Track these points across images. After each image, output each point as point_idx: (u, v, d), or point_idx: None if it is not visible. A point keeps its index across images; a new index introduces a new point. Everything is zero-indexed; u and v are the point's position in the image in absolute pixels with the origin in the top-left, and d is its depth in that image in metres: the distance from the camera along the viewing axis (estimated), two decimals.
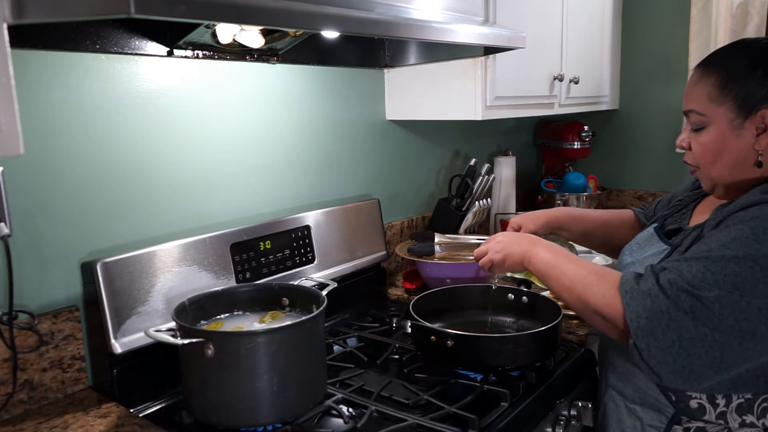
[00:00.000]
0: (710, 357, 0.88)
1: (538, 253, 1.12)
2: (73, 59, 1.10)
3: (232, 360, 0.95)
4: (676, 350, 0.89)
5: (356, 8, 0.97)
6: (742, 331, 0.87)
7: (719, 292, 0.88)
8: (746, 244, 0.89)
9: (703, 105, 1.02)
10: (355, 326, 1.47)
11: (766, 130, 0.98)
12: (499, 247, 1.20)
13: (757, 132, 0.99)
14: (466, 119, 1.67)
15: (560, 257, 1.09)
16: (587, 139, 2.42)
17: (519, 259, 1.16)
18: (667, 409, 1.05)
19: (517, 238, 1.19)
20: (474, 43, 1.26)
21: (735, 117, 0.99)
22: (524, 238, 1.18)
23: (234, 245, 1.29)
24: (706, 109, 1.02)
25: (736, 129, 1.00)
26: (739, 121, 0.99)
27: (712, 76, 1.02)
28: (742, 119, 0.99)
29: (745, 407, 0.99)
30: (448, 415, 1.04)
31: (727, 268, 0.89)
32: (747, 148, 1.00)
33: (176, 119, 1.27)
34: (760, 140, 0.99)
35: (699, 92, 1.03)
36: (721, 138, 1.01)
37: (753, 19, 2.09)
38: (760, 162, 0.99)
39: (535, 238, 1.17)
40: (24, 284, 1.06)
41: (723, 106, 1.00)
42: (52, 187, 1.09)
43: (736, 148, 1.01)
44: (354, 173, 1.73)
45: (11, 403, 1.04)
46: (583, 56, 2.15)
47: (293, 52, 1.42)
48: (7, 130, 0.68)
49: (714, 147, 1.02)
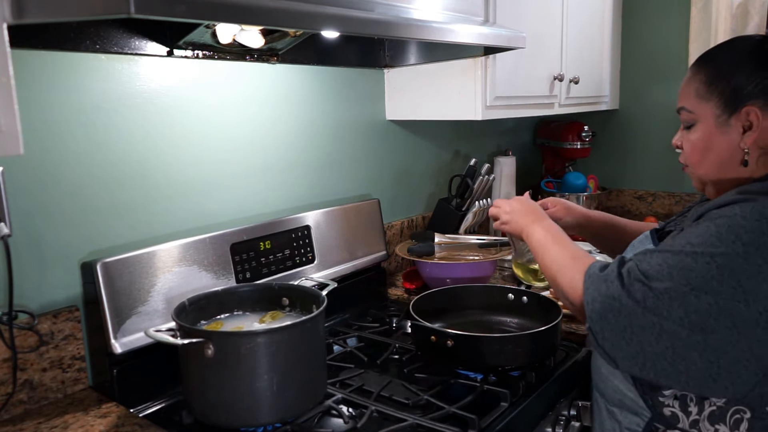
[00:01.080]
0: (661, 346, 0.89)
1: (535, 230, 1.17)
2: (73, 59, 1.10)
3: (232, 360, 0.95)
4: (628, 336, 0.91)
5: (356, 8, 0.97)
6: (692, 323, 0.87)
7: (671, 284, 0.89)
8: (708, 242, 0.89)
9: (692, 102, 1.01)
10: (355, 326, 1.47)
11: (751, 128, 0.95)
12: (508, 208, 1.26)
13: (743, 129, 0.96)
14: (466, 119, 1.67)
15: (551, 238, 1.13)
16: (587, 139, 2.42)
17: (519, 230, 1.22)
18: (644, 413, 1.03)
19: (528, 209, 1.23)
20: (474, 43, 1.26)
21: (721, 113, 0.97)
22: (532, 213, 1.22)
23: (234, 245, 1.29)
24: (695, 106, 1.00)
25: (722, 126, 0.98)
26: (724, 118, 0.97)
27: (701, 73, 1.00)
28: (728, 116, 0.97)
29: (717, 416, 0.96)
30: (448, 415, 1.04)
31: (683, 262, 0.89)
32: (733, 146, 0.97)
33: (176, 119, 1.27)
34: (746, 138, 0.96)
35: (689, 89, 1.02)
36: (708, 136, 0.99)
37: (753, 19, 2.09)
38: (746, 161, 0.97)
39: (542, 215, 1.21)
40: (24, 284, 1.06)
41: (710, 103, 0.98)
42: (52, 187, 1.09)
43: (722, 146, 0.98)
44: (354, 173, 1.73)
45: (11, 403, 1.04)
46: (583, 56, 2.15)
47: (293, 52, 1.42)
48: (7, 130, 0.68)
49: (701, 145, 1.01)
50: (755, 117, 0.94)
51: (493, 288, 1.47)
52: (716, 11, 2.14)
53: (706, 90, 0.99)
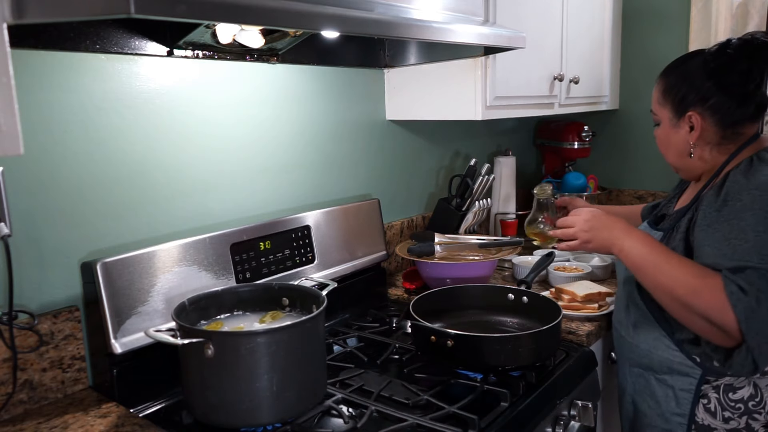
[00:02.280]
0: None
1: (632, 245, 1.15)
2: (73, 59, 1.10)
3: (232, 360, 0.95)
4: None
5: (356, 8, 0.97)
6: None
7: None
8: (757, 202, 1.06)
9: (655, 106, 1.27)
10: (355, 326, 1.47)
11: (693, 128, 1.20)
12: (587, 226, 1.22)
13: (689, 129, 1.21)
14: (466, 119, 1.67)
15: (657, 252, 1.13)
16: (587, 139, 2.42)
17: (607, 245, 1.19)
18: (694, 371, 1.17)
19: (608, 221, 1.21)
20: (474, 43, 1.26)
21: (672, 117, 1.23)
22: (616, 224, 1.19)
23: (234, 245, 1.29)
24: (657, 109, 1.27)
25: (674, 127, 1.23)
26: (675, 120, 1.23)
27: (660, 83, 1.26)
28: (677, 119, 1.22)
29: None
30: (448, 415, 1.04)
31: None
32: (684, 142, 1.22)
33: (176, 119, 1.27)
34: (691, 135, 1.21)
35: (653, 95, 1.27)
36: (666, 133, 1.26)
37: (753, 19, 2.09)
38: (691, 153, 1.22)
39: (627, 226, 1.19)
40: (24, 284, 1.06)
41: (665, 108, 1.24)
42: (52, 187, 1.09)
43: (676, 142, 1.24)
44: (354, 173, 1.73)
45: (11, 403, 1.04)
46: (583, 56, 2.15)
47: (293, 52, 1.42)
48: (7, 130, 0.68)
49: (663, 140, 1.27)
50: (696, 120, 1.19)
51: (493, 288, 1.47)
52: (716, 11, 2.14)
53: (663, 98, 1.25)
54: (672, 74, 1.24)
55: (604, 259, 1.81)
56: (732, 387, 1.16)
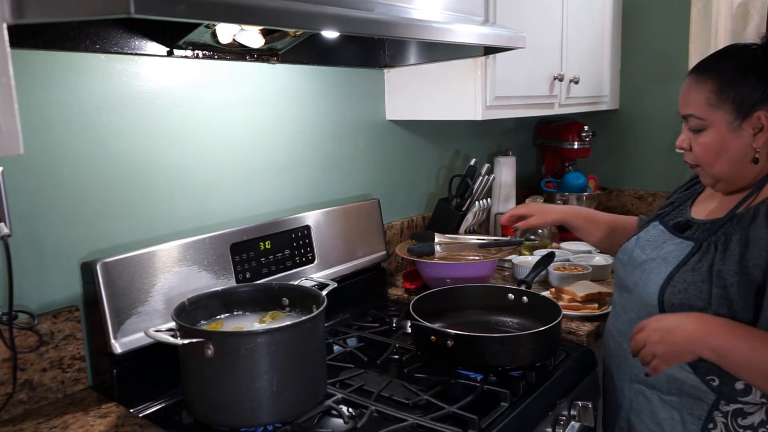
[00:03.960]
0: None
1: (719, 343, 1.00)
2: (73, 59, 1.10)
3: (232, 360, 0.95)
4: None
5: (356, 8, 0.97)
6: None
7: None
8: None
9: (702, 110, 1.10)
10: (355, 326, 1.47)
11: (762, 130, 1.07)
12: (657, 336, 1.04)
13: (754, 132, 1.07)
14: (466, 119, 1.67)
15: (746, 341, 0.99)
16: (587, 139, 2.42)
17: (689, 348, 1.02)
18: (707, 396, 1.07)
19: (676, 321, 1.05)
20: (474, 43, 1.26)
21: (733, 119, 1.08)
22: (686, 320, 1.04)
23: (234, 245, 1.29)
24: (705, 113, 1.09)
25: (734, 130, 1.08)
26: (737, 123, 1.08)
27: (708, 83, 1.09)
28: (740, 121, 1.07)
29: None
30: (448, 415, 1.04)
31: None
32: (745, 147, 1.08)
33: (176, 119, 1.27)
34: (758, 139, 1.07)
35: (696, 98, 1.10)
36: (720, 138, 1.09)
37: (753, 19, 2.09)
38: (756, 158, 1.08)
39: (700, 317, 1.04)
40: (24, 284, 1.06)
41: (720, 110, 1.08)
42: (52, 187, 1.09)
43: (735, 148, 1.09)
44: (354, 173, 1.73)
45: (11, 403, 1.04)
46: (583, 56, 2.15)
47: (293, 52, 1.42)
48: (7, 130, 0.68)
49: (714, 147, 1.10)
50: (766, 120, 1.06)
51: (493, 288, 1.47)
52: (716, 11, 2.14)
53: (716, 99, 1.08)
54: (722, 69, 1.09)
55: (605, 259, 1.81)
56: (742, 412, 1.06)
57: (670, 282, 1.10)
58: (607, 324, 1.31)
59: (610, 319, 1.29)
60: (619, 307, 1.24)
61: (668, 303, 1.09)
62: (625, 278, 1.22)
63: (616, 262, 1.28)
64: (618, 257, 1.28)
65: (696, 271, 1.08)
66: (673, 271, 1.10)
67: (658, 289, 1.11)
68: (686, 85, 1.14)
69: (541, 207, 1.50)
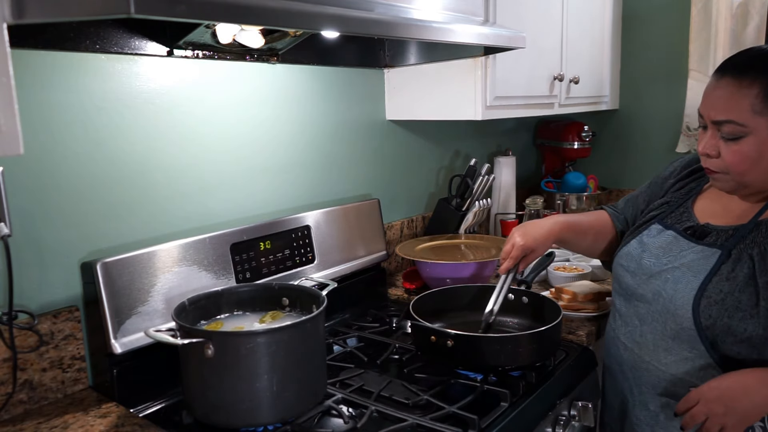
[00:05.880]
0: None
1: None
2: (73, 59, 1.10)
3: (232, 360, 0.95)
4: None
5: (356, 8, 0.97)
6: None
7: None
8: None
9: (745, 116, 1.00)
10: (355, 326, 1.47)
11: None
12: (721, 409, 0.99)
13: None
14: (466, 119, 1.67)
15: None
16: (587, 139, 2.42)
17: (758, 412, 1.00)
18: None
19: (737, 385, 1.01)
20: (474, 43, 1.26)
21: None
22: (746, 381, 1.00)
23: (234, 245, 1.29)
24: (749, 119, 1.00)
25: None
26: None
27: (753, 87, 1.00)
28: None
29: None
30: (448, 415, 1.04)
31: None
32: None
33: (176, 119, 1.27)
34: None
35: (740, 103, 1.01)
36: (760, 146, 1.01)
37: (753, 19, 2.09)
38: None
39: (759, 376, 1.00)
40: (24, 284, 1.06)
41: (766, 117, 1.00)
42: (52, 187, 1.09)
43: None
44: (354, 173, 1.73)
45: (11, 403, 1.04)
46: (583, 56, 2.15)
47: (293, 52, 1.42)
48: (7, 130, 0.68)
49: (753, 155, 1.02)
50: None
51: (493, 288, 1.47)
52: (716, 11, 2.14)
53: (762, 105, 0.99)
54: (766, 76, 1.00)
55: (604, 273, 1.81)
56: None
57: (704, 293, 1.04)
58: (615, 332, 1.25)
59: (620, 329, 1.22)
60: (634, 318, 1.18)
61: (705, 315, 1.04)
62: (638, 287, 1.16)
63: (619, 269, 1.23)
64: (621, 264, 1.22)
65: (731, 281, 1.03)
66: (705, 281, 1.05)
67: (691, 301, 1.06)
68: (722, 89, 1.03)
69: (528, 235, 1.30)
